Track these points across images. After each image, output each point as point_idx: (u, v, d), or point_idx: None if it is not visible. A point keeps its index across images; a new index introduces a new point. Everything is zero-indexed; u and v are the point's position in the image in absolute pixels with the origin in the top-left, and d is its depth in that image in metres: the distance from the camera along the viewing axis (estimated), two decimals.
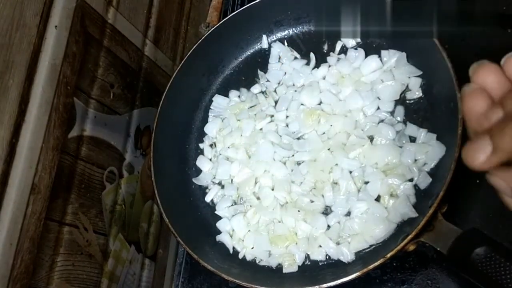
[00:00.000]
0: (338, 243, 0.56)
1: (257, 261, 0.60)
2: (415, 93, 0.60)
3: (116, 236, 0.62)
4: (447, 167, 0.49)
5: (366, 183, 0.57)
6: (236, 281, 0.54)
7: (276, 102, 0.67)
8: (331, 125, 0.61)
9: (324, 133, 0.62)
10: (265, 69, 0.71)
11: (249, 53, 0.73)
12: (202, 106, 0.73)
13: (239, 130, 0.67)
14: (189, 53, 0.68)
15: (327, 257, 0.57)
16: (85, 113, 0.58)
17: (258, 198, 0.62)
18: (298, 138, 0.63)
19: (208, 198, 0.66)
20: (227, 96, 0.71)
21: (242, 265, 0.60)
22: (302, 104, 0.65)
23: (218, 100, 0.71)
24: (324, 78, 0.65)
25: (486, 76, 0.32)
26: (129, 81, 0.67)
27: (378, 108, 0.61)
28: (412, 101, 0.60)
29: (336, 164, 0.59)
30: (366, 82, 0.62)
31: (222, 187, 0.66)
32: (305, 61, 0.68)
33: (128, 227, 0.65)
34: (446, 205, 0.49)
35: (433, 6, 0.38)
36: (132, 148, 0.67)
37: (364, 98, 0.61)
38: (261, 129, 0.65)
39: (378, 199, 0.56)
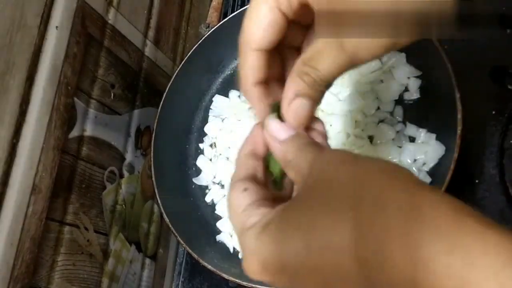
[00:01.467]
0: None
1: None
2: (413, 93, 0.60)
3: (117, 235, 0.62)
4: (447, 167, 0.49)
5: None
6: (236, 280, 0.54)
7: None
8: (331, 125, 0.62)
9: None
10: None
11: None
12: (202, 106, 0.73)
13: (239, 130, 0.67)
14: (189, 54, 0.68)
15: None
16: (85, 113, 0.58)
17: None
18: None
19: (208, 198, 0.66)
20: (227, 96, 0.71)
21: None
22: None
23: (218, 100, 0.71)
24: None
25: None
26: (129, 81, 0.67)
27: (378, 108, 0.61)
28: (411, 101, 0.60)
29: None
30: (366, 82, 0.62)
31: (222, 187, 0.66)
32: None
33: (129, 227, 0.65)
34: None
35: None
36: (132, 148, 0.67)
37: (364, 98, 0.61)
38: None
39: None
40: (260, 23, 0.30)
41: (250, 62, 0.31)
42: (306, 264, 0.23)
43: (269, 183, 0.32)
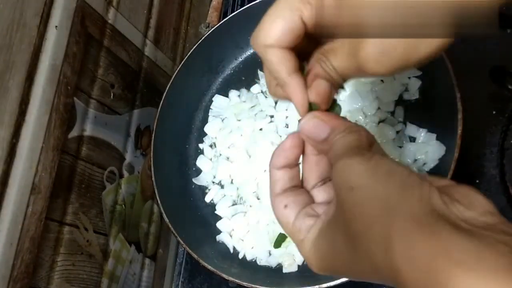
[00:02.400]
0: None
1: (257, 261, 0.60)
2: (414, 93, 0.60)
3: (116, 236, 0.62)
4: (447, 167, 0.49)
5: None
6: (236, 281, 0.54)
7: (276, 102, 0.67)
8: None
9: None
10: None
11: (249, 53, 0.73)
12: (202, 106, 0.73)
13: (239, 130, 0.67)
14: (189, 53, 0.68)
15: None
16: (85, 113, 0.58)
17: (258, 198, 0.62)
18: None
19: (208, 198, 0.66)
20: (227, 96, 0.71)
21: (242, 265, 0.60)
22: None
23: (218, 100, 0.71)
24: None
25: None
26: (129, 81, 0.67)
27: (379, 108, 0.61)
28: (412, 102, 0.60)
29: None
30: (366, 82, 0.62)
31: (222, 187, 0.66)
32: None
33: (128, 227, 0.65)
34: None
35: None
36: (132, 148, 0.67)
37: (364, 98, 0.61)
38: (261, 129, 0.65)
39: None
40: (282, 28, 0.32)
41: (277, 57, 0.32)
42: (351, 268, 0.28)
43: None
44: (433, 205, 0.24)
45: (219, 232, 0.63)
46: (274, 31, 0.32)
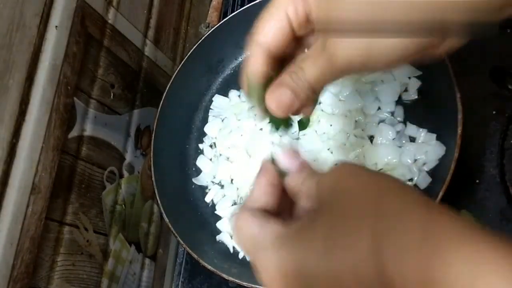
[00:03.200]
0: None
1: None
2: (411, 94, 0.60)
3: (116, 236, 0.62)
4: (447, 167, 0.49)
5: None
6: (236, 281, 0.54)
7: None
8: (331, 125, 0.61)
9: (324, 133, 0.62)
10: None
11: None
12: (202, 106, 0.73)
13: (239, 130, 0.67)
14: (189, 53, 0.68)
15: None
16: (85, 113, 0.58)
17: None
18: (298, 138, 0.63)
19: (208, 198, 0.66)
20: (227, 96, 0.71)
21: (242, 265, 0.60)
22: None
23: (218, 100, 0.71)
24: None
25: None
26: (129, 81, 0.67)
27: (379, 108, 0.61)
28: (412, 102, 0.60)
29: (336, 164, 0.59)
30: (366, 82, 0.62)
31: (222, 187, 0.66)
32: None
33: (128, 227, 0.65)
34: (445, 205, 0.49)
35: None
36: (132, 148, 0.67)
37: (364, 98, 0.61)
38: (261, 129, 0.65)
39: None
40: (268, 25, 0.33)
41: (252, 55, 0.34)
42: (328, 276, 0.23)
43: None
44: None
45: (219, 232, 0.63)
46: (262, 28, 0.33)
